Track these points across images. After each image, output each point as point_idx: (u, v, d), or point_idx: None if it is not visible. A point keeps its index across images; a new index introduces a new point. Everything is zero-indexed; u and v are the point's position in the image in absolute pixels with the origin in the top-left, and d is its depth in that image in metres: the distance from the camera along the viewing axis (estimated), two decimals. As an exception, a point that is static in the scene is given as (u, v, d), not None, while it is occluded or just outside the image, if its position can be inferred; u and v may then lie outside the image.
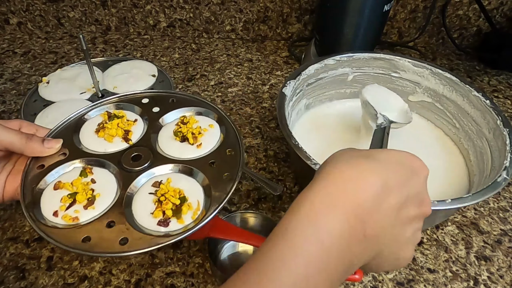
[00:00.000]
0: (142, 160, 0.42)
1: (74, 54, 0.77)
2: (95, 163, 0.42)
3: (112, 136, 0.45)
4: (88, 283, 0.41)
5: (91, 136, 0.45)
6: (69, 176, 0.40)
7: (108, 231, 0.36)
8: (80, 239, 0.35)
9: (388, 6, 0.60)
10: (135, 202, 0.39)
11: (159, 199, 0.39)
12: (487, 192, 0.38)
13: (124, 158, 0.43)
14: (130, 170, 0.42)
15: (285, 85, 0.50)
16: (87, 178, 0.41)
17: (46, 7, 0.78)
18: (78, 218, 0.37)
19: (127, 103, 0.50)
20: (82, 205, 0.38)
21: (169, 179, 0.41)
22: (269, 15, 0.81)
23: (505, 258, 0.45)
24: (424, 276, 0.43)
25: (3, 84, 0.68)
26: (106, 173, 0.42)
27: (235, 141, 0.45)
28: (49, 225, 0.36)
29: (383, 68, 0.58)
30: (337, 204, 0.24)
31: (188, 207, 0.38)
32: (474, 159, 0.50)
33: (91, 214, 0.38)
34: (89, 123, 0.47)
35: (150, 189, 0.40)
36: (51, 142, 0.42)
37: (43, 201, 0.38)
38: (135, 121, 0.47)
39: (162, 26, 0.83)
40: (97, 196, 0.39)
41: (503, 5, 0.77)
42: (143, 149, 0.44)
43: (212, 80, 0.72)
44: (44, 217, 0.37)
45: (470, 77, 0.76)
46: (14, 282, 0.40)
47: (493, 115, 0.48)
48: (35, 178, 0.40)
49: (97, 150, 0.44)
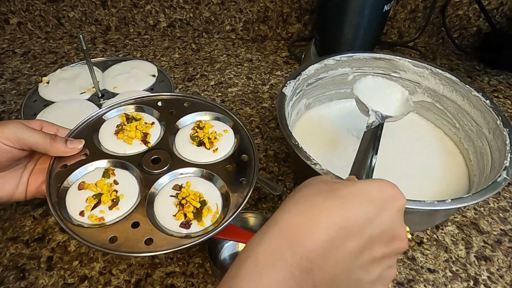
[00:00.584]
0: (162, 163, 0.44)
1: (74, 54, 0.77)
2: (116, 164, 0.44)
3: (132, 138, 0.46)
4: (88, 283, 0.41)
5: (110, 138, 0.46)
6: (92, 177, 0.42)
7: (133, 231, 0.37)
8: (107, 239, 0.36)
9: (388, 6, 0.60)
10: (157, 204, 0.40)
11: (180, 202, 0.40)
12: (487, 192, 0.38)
13: (144, 161, 0.44)
14: (151, 172, 0.43)
15: (285, 85, 0.50)
16: (109, 179, 0.42)
17: (46, 7, 0.78)
18: (104, 218, 0.38)
19: (143, 105, 0.51)
20: (107, 205, 0.39)
21: (188, 182, 0.42)
22: (269, 15, 0.81)
23: (505, 258, 0.45)
24: (424, 276, 0.43)
25: (3, 84, 0.68)
26: (127, 175, 0.43)
27: (249, 146, 0.46)
28: (75, 224, 0.37)
29: (383, 68, 0.58)
30: (281, 257, 0.23)
31: (208, 210, 0.40)
32: (474, 159, 0.50)
33: (116, 215, 0.39)
34: (107, 124, 0.48)
35: (171, 191, 0.41)
36: (74, 143, 0.43)
37: (68, 201, 0.40)
38: (153, 124, 0.48)
39: (162, 26, 0.83)
40: (120, 197, 0.40)
41: (503, 5, 0.77)
42: (162, 152, 0.45)
43: (212, 80, 0.72)
44: (70, 216, 0.38)
45: (470, 77, 0.76)
46: (14, 282, 0.40)
47: (493, 115, 0.48)
48: (59, 178, 0.41)
49: (117, 151, 0.45)
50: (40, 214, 0.47)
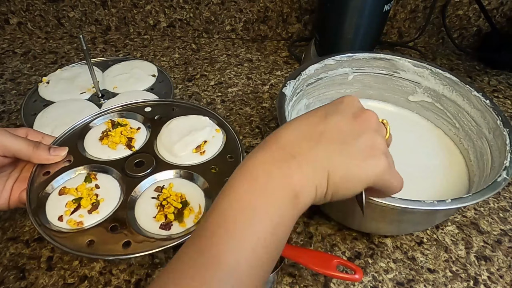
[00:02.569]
0: (145, 166, 0.44)
1: (74, 54, 0.77)
2: (99, 169, 0.44)
3: (116, 143, 0.46)
4: (88, 283, 0.41)
5: (95, 144, 0.46)
6: (74, 182, 0.42)
7: (111, 235, 0.37)
8: (85, 242, 0.36)
9: (388, 6, 0.60)
10: (138, 206, 0.40)
11: (161, 203, 0.40)
12: (487, 192, 0.38)
13: (127, 164, 0.44)
14: (133, 175, 0.43)
15: (285, 85, 0.50)
16: (91, 183, 0.42)
17: (46, 7, 0.78)
18: (83, 222, 0.38)
19: (130, 112, 0.51)
20: (86, 209, 0.39)
21: (171, 184, 0.42)
22: (269, 15, 0.81)
23: (505, 258, 0.45)
24: (424, 276, 0.43)
25: (3, 84, 0.68)
26: (109, 179, 0.43)
27: (235, 147, 0.47)
28: (54, 229, 0.37)
29: (383, 68, 0.58)
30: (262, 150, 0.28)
31: (190, 211, 0.39)
32: (474, 159, 0.50)
33: (95, 219, 0.39)
34: (94, 131, 0.48)
35: (152, 193, 0.41)
36: (57, 150, 0.43)
37: (48, 206, 0.40)
38: (138, 129, 0.49)
39: (162, 26, 0.83)
40: (101, 201, 0.40)
41: (503, 5, 0.77)
42: (146, 155, 0.45)
43: (212, 80, 0.72)
44: (49, 221, 0.38)
45: (470, 77, 0.76)
46: (14, 282, 0.40)
47: (493, 115, 0.48)
48: (41, 184, 0.41)
49: (101, 157, 0.45)
50: (40, 214, 0.47)
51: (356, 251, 0.45)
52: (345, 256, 0.44)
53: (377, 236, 0.46)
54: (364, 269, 0.43)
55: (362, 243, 0.46)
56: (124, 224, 0.38)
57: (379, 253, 0.45)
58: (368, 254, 0.45)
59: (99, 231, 0.38)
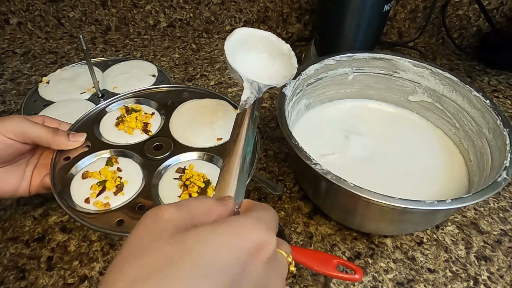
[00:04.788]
0: (164, 149, 0.45)
1: (74, 54, 0.77)
2: (119, 153, 0.45)
3: (132, 128, 0.48)
4: (88, 283, 0.41)
5: (111, 129, 0.48)
6: (95, 166, 0.43)
7: (139, 213, 0.39)
8: (114, 222, 0.38)
9: (388, 6, 0.60)
10: (161, 187, 0.42)
11: (184, 183, 0.41)
12: (487, 192, 0.38)
13: (146, 148, 0.46)
14: (153, 158, 0.44)
15: (285, 85, 0.50)
16: (113, 167, 0.43)
17: (46, 7, 0.78)
18: (109, 204, 0.39)
19: (142, 98, 0.53)
20: (112, 191, 0.41)
21: (191, 165, 0.44)
22: (269, 15, 0.81)
23: (505, 258, 0.45)
24: (424, 276, 0.43)
25: (3, 84, 0.68)
26: (130, 162, 0.44)
27: None
28: (81, 211, 0.39)
29: (383, 68, 0.58)
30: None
31: (213, 189, 0.41)
32: (474, 159, 0.50)
33: (122, 200, 0.40)
34: (108, 117, 0.50)
35: (174, 175, 0.43)
36: (76, 136, 0.44)
37: (73, 190, 0.41)
38: (152, 114, 0.50)
39: (162, 26, 0.83)
40: (125, 183, 0.42)
41: (503, 5, 0.77)
42: (163, 139, 0.47)
43: (212, 80, 0.72)
44: (76, 204, 0.40)
45: (470, 77, 0.76)
46: (14, 282, 0.40)
47: (493, 115, 0.48)
48: (63, 169, 0.42)
49: (119, 142, 0.46)
50: (40, 214, 0.47)
51: (356, 251, 0.45)
52: (345, 256, 0.44)
53: (377, 236, 0.46)
54: (364, 269, 0.43)
55: (362, 243, 0.46)
56: (150, 203, 0.40)
57: (379, 253, 0.45)
58: (368, 254, 0.45)
59: (127, 211, 0.39)
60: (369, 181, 0.39)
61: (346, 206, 0.43)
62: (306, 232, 0.47)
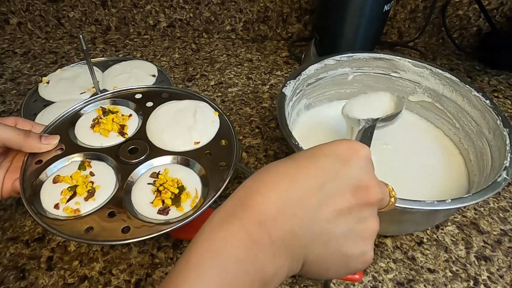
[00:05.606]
0: (139, 153, 0.44)
1: (74, 54, 0.77)
2: (93, 156, 0.43)
3: (108, 130, 0.46)
4: (88, 283, 0.41)
5: (86, 131, 0.46)
6: (67, 170, 0.41)
7: (109, 220, 0.37)
8: (83, 229, 0.36)
9: (388, 6, 0.60)
10: (134, 192, 0.40)
11: (158, 189, 0.40)
12: (487, 192, 0.38)
13: (121, 151, 0.44)
14: (128, 162, 0.43)
15: (285, 85, 0.50)
16: (85, 171, 0.42)
17: (46, 7, 0.78)
18: (79, 210, 0.38)
19: (120, 99, 0.51)
20: (82, 197, 0.39)
21: (166, 169, 0.42)
22: (269, 15, 0.81)
23: (505, 258, 0.45)
24: (424, 276, 0.43)
25: (3, 84, 0.68)
26: (104, 166, 0.43)
27: (228, 132, 0.47)
28: (50, 217, 0.37)
29: (383, 68, 0.58)
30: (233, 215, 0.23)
31: (187, 196, 0.40)
32: (474, 159, 0.50)
33: (92, 206, 0.39)
34: (84, 118, 0.48)
35: (148, 179, 0.41)
36: (49, 139, 0.43)
37: (43, 195, 0.39)
38: (130, 116, 0.49)
39: (162, 26, 0.83)
40: (96, 188, 0.40)
41: (503, 5, 0.77)
42: (140, 142, 0.45)
43: (212, 80, 0.72)
44: (45, 209, 0.38)
45: (470, 77, 0.76)
46: (14, 282, 0.40)
47: (493, 115, 0.48)
48: (34, 173, 0.41)
49: (94, 144, 0.45)
50: (40, 214, 0.47)
51: (356, 251, 0.45)
52: (345, 256, 0.44)
53: (377, 236, 0.46)
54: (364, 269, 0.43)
55: (362, 243, 0.46)
56: (121, 210, 0.38)
57: (379, 253, 0.45)
58: (368, 254, 0.45)
59: (97, 217, 0.37)
60: (369, 181, 0.39)
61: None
62: (306, 232, 0.47)
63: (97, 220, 0.37)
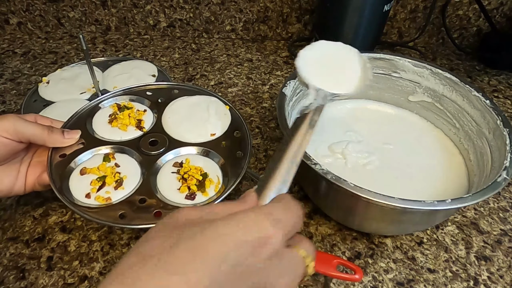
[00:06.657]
0: (159, 145, 0.47)
1: (74, 54, 0.77)
2: (116, 149, 0.46)
3: (126, 125, 0.49)
4: (88, 283, 0.40)
5: (104, 126, 0.49)
6: (92, 162, 0.44)
7: (141, 207, 0.40)
8: (117, 215, 0.39)
9: (388, 6, 0.60)
10: (160, 181, 0.43)
11: (183, 177, 0.43)
12: (487, 192, 0.38)
13: (142, 144, 0.47)
14: (149, 153, 0.46)
15: (285, 85, 0.50)
16: (110, 163, 0.44)
17: (46, 7, 0.78)
18: (111, 198, 0.41)
19: (133, 95, 0.54)
20: (111, 186, 0.42)
21: (187, 159, 0.45)
22: (269, 15, 0.81)
23: (505, 258, 0.45)
24: (424, 276, 0.43)
25: (3, 84, 0.68)
26: (127, 158, 0.45)
27: (240, 124, 0.50)
28: (83, 206, 0.40)
29: (383, 68, 0.58)
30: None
31: (210, 182, 0.43)
32: (474, 159, 0.50)
33: (122, 194, 0.41)
34: (100, 114, 0.50)
35: (172, 169, 0.44)
36: (71, 133, 0.45)
37: (72, 186, 0.42)
38: (145, 111, 0.51)
39: (162, 26, 0.83)
40: (124, 178, 0.43)
41: (503, 5, 0.77)
42: (158, 135, 0.48)
43: (212, 80, 0.72)
44: (76, 199, 0.40)
45: (470, 77, 0.76)
46: (14, 282, 0.40)
47: (493, 115, 0.48)
48: (60, 166, 0.43)
49: (114, 138, 0.47)
50: (40, 214, 0.47)
51: (356, 251, 0.45)
52: (345, 256, 0.44)
53: (377, 236, 0.46)
54: (364, 269, 0.43)
55: (362, 243, 0.46)
56: (151, 196, 0.41)
57: (379, 253, 0.45)
58: (368, 254, 0.45)
59: (128, 204, 0.40)
60: (369, 181, 0.39)
61: (346, 206, 0.43)
62: (306, 232, 0.47)
63: (129, 207, 0.40)
